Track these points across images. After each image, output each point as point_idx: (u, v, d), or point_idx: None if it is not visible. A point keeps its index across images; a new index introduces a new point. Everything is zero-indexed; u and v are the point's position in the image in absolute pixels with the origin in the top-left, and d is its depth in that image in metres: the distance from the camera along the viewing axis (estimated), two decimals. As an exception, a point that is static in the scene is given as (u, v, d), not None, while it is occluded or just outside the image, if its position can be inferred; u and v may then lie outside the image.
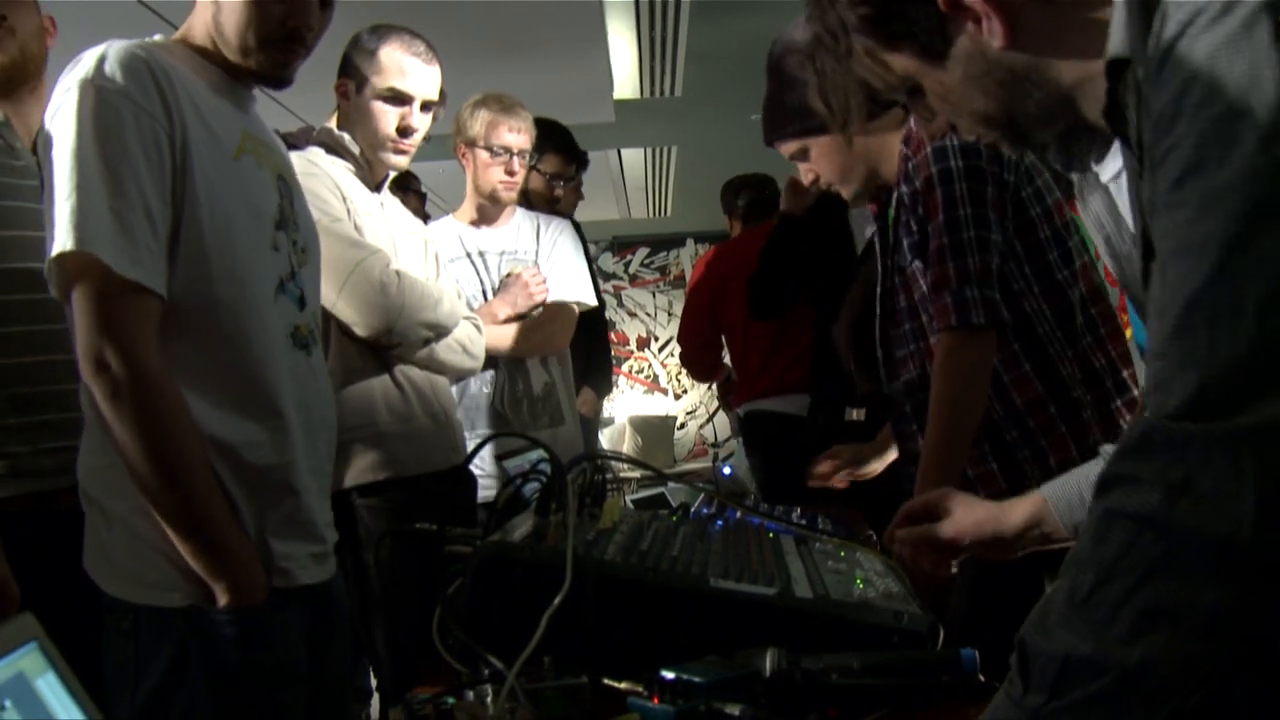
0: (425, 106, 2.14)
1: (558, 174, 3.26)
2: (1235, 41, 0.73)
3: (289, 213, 1.54)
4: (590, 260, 3.74)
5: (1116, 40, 0.86)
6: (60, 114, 1.33)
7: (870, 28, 1.00)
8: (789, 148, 1.95)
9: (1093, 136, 1.06)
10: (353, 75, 2.12)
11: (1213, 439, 0.74)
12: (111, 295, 1.31)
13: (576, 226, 3.59)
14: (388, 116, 2.11)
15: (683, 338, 4.11)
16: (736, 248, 3.80)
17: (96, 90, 1.32)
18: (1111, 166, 1.11)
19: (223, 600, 1.37)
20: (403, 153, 2.16)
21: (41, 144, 1.37)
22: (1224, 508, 0.73)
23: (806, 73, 1.85)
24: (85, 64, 1.35)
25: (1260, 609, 0.75)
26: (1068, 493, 1.31)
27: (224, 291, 1.41)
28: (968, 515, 1.38)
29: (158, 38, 1.47)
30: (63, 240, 1.29)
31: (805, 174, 1.99)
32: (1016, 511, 1.34)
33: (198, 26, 1.48)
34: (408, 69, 2.10)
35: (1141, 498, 0.76)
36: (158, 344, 1.34)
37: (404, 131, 2.12)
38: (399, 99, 2.11)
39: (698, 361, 4.13)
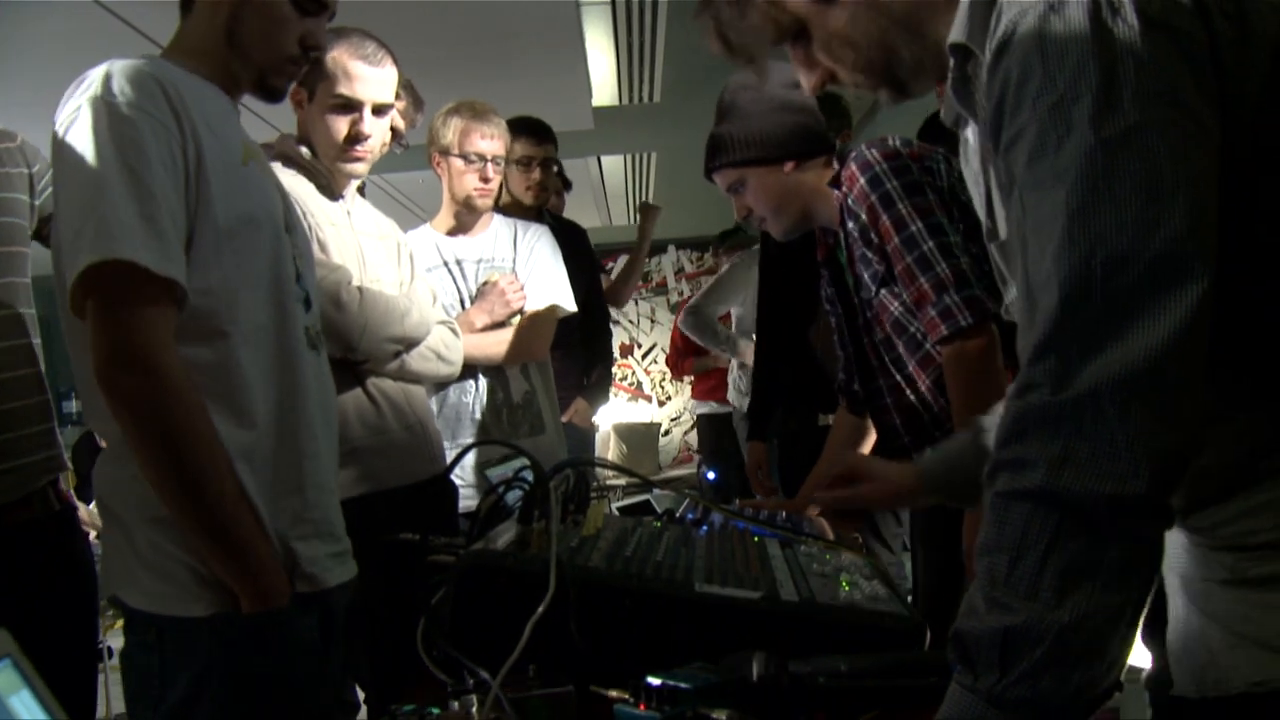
0: (378, 110, 2.08)
1: (528, 156, 3.16)
2: (1063, 34, 0.82)
3: (290, 219, 1.55)
4: (599, 271, 3.71)
5: (959, 29, 0.95)
6: (73, 131, 1.32)
7: None
8: (726, 178, 1.98)
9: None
10: (305, 82, 2.06)
11: (1080, 407, 0.80)
12: (130, 301, 1.29)
13: (581, 235, 3.57)
14: (337, 124, 2.05)
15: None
16: None
17: (109, 105, 1.32)
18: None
19: (247, 607, 1.36)
20: (358, 160, 2.09)
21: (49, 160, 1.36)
22: (1104, 469, 0.80)
23: (754, 106, 1.88)
24: (92, 82, 1.34)
25: (1158, 545, 0.84)
26: (934, 467, 1.45)
27: (244, 296, 1.41)
28: (885, 485, 1.54)
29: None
30: (87, 253, 1.27)
31: (738, 208, 2.02)
32: (908, 476, 1.50)
33: (190, 42, 1.47)
34: (355, 74, 2.04)
35: (1027, 476, 0.83)
36: (177, 350, 1.33)
37: (354, 139, 2.06)
38: (348, 106, 2.05)
39: None
